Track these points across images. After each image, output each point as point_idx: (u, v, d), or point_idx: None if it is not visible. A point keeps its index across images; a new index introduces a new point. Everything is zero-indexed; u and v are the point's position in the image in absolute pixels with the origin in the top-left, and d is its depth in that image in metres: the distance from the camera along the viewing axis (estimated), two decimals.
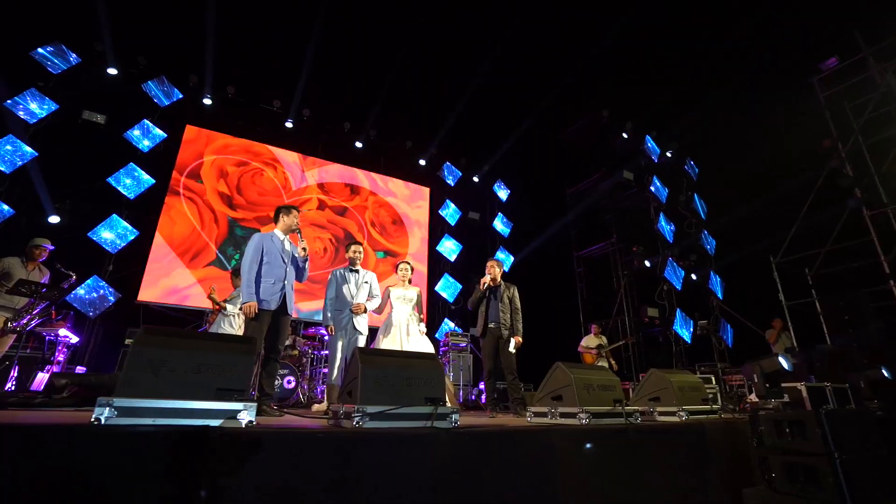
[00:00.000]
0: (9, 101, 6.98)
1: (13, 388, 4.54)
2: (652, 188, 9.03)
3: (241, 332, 5.42)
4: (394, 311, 4.30)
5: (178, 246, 7.55)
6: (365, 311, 4.12)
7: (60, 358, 5.46)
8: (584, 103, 9.84)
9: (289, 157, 9.12)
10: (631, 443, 2.27)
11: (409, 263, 4.58)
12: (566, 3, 9.09)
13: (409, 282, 4.55)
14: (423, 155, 10.62)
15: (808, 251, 7.23)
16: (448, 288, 9.61)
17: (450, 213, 10.37)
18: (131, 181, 7.35)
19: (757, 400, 3.22)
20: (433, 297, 9.56)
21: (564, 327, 9.54)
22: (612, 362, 7.41)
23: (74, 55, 7.48)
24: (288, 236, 3.62)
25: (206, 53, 7.96)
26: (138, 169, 7.42)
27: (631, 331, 8.65)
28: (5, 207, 6.53)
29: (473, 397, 7.23)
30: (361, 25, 8.47)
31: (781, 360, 3.24)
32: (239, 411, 1.51)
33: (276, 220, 3.64)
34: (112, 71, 7.92)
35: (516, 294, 4.60)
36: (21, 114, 6.97)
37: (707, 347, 8.32)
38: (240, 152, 8.63)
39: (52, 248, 4.76)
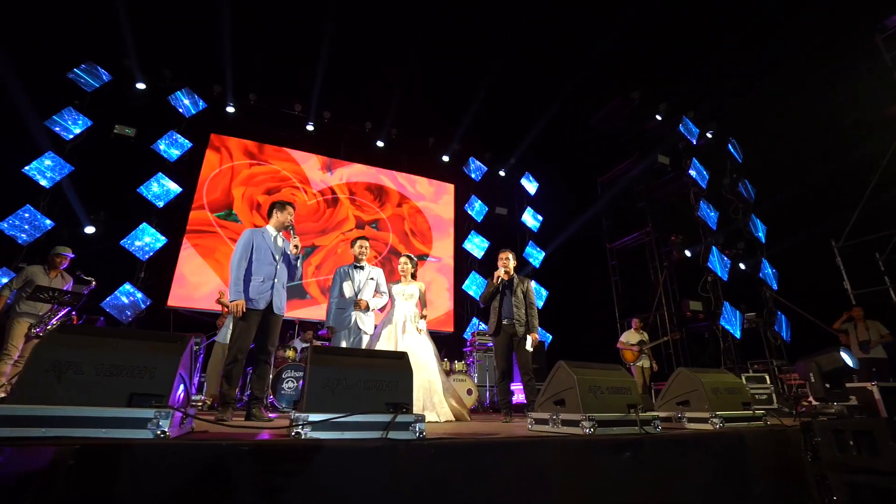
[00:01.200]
0: (49, 120, 7.40)
1: None
2: (691, 172, 8.31)
3: None
4: (394, 309, 4.09)
5: (205, 252, 7.73)
6: (368, 307, 3.91)
7: None
8: (612, 86, 9.23)
9: (314, 172, 9.09)
10: (647, 457, 1.90)
11: (411, 258, 4.32)
12: None
13: (414, 277, 4.31)
14: (446, 151, 10.38)
15: (878, 233, 6.34)
16: (476, 286, 9.29)
17: (476, 209, 10.06)
18: (160, 190, 7.58)
19: (815, 403, 2.72)
20: (460, 295, 9.29)
21: (599, 324, 8.97)
22: (654, 361, 6.83)
23: (106, 73, 7.84)
24: (281, 233, 3.45)
25: (225, 62, 8.09)
26: (166, 178, 7.65)
27: (672, 326, 7.95)
28: (47, 221, 6.91)
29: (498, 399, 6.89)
30: (374, 22, 8.33)
31: (844, 355, 2.71)
32: (149, 420, 1.30)
33: (269, 215, 3.49)
34: (140, 86, 8.23)
35: (531, 288, 4.26)
36: (59, 131, 7.36)
37: (761, 343, 7.53)
38: (267, 181, 8.65)
39: (72, 255, 4.89)
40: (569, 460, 1.75)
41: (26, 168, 6.95)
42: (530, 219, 10.38)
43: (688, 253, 7.90)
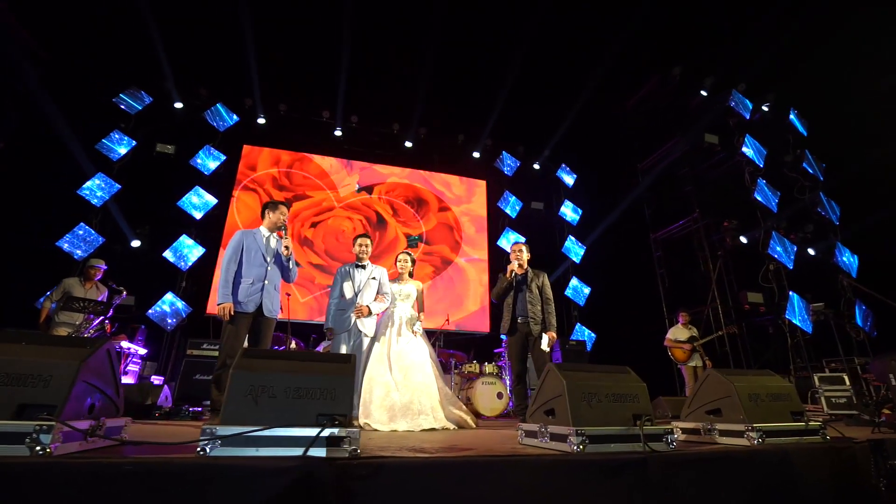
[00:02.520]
0: (99, 144, 7.98)
1: None
2: (745, 150, 7.43)
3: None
4: (390, 309, 3.89)
5: None
6: (369, 313, 3.72)
7: (133, 368, 5.95)
8: (649, 64, 8.48)
9: (342, 177, 9.15)
10: (654, 481, 1.53)
11: (410, 255, 4.10)
12: None
13: (411, 275, 4.09)
14: (476, 147, 10.10)
15: None
16: None
17: (510, 205, 9.70)
18: (198, 202, 7.93)
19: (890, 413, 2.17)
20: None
21: (645, 321, 8.26)
22: (707, 360, 6.14)
23: (147, 96, 8.36)
24: (275, 234, 3.36)
25: (253, 76, 8.33)
26: (203, 191, 8.00)
27: (728, 322, 7.10)
28: (99, 237, 7.43)
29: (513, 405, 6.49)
30: (391, 21, 8.21)
31: None
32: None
33: (262, 216, 3.41)
34: (178, 105, 8.68)
35: (546, 282, 3.91)
36: (107, 152, 7.92)
37: (837, 339, 6.54)
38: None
39: (104, 267, 5.19)
40: (547, 485, 1.44)
41: (80, 189, 7.52)
42: (569, 212, 9.83)
43: (743, 239, 7.05)
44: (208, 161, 8.29)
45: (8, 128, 6.63)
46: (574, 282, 9.21)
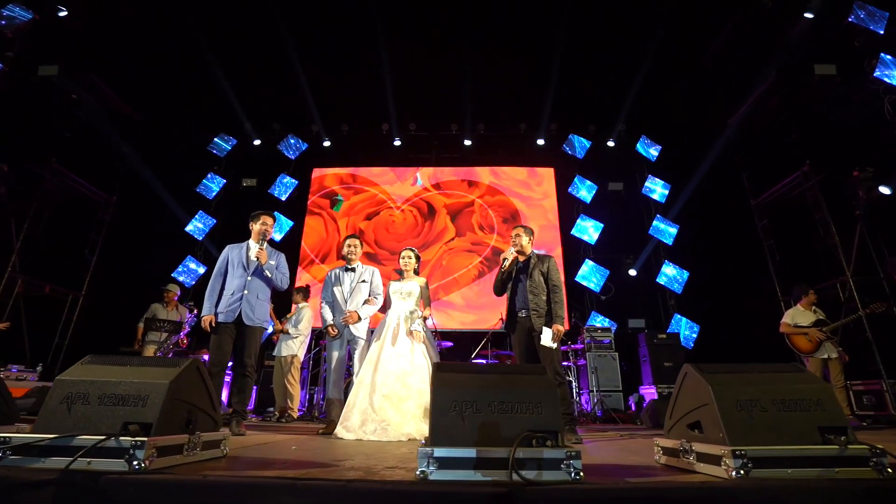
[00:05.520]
0: (199, 186, 8.86)
1: None
2: (881, 75, 5.97)
3: (300, 353, 5.48)
4: (391, 309, 3.58)
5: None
6: (358, 319, 3.55)
7: None
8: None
9: (405, 188, 9.21)
10: None
11: (413, 251, 3.83)
12: None
13: (416, 273, 3.81)
14: (540, 134, 9.58)
15: None
16: (592, 275, 8.27)
17: (583, 189, 9.03)
18: (277, 227, 8.45)
19: None
20: (575, 288, 8.32)
21: (755, 306, 7.05)
22: (842, 351, 4.96)
23: (232, 139, 9.15)
24: (259, 245, 3.35)
25: (310, 102, 8.69)
26: (281, 216, 8.52)
27: (866, 300, 5.62)
28: (200, 269, 8.20)
29: (602, 412, 5.83)
30: (425, 21, 8.00)
31: None
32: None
33: (249, 228, 3.50)
34: (256, 142, 9.36)
35: (553, 267, 3.37)
36: (204, 192, 8.78)
37: None
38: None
39: (179, 292, 5.92)
40: None
41: (187, 228, 8.39)
42: (659, 188, 8.87)
43: (885, 190, 5.72)
44: (284, 188, 8.82)
45: (119, 183, 7.57)
46: (668, 268, 8.25)
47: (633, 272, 8.51)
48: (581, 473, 1.20)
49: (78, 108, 6.24)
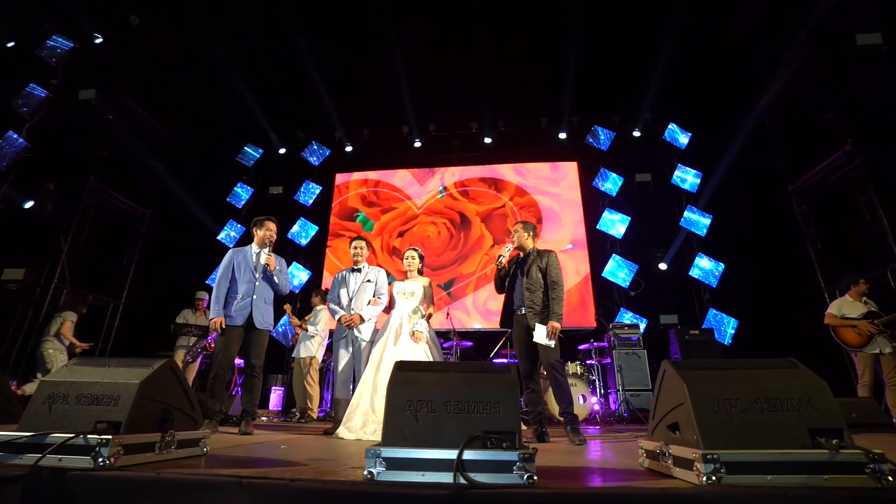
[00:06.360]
0: (229, 196, 9.28)
1: None
2: None
3: (318, 354, 5.53)
4: (394, 309, 3.62)
5: None
6: (361, 321, 3.57)
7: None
8: None
9: (426, 185, 9.23)
10: None
11: (417, 251, 3.86)
12: None
13: (420, 273, 3.82)
14: (562, 128, 9.35)
15: None
16: (620, 270, 7.97)
17: (608, 182, 8.72)
18: (303, 232, 8.70)
19: None
20: (602, 284, 8.04)
21: (795, 296, 6.52)
22: (895, 345, 4.47)
23: (259, 149, 9.51)
24: (264, 250, 3.44)
25: (330, 108, 8.88)
26: (307, 221, 8.76)
27: None
28: None
29: (628, 412, 5.56)
30: (440, 22, 7.96)
31: None
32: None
33: (252, 233, 3.56)
34: (282, 151, 9.67)
35: (553, 262, 3.22)
36: (234, 202, 9.17)
37: None
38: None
39: (207, 297, 6.04)
40: None
41: (219, 236, 8.80)
42: (689, 178, 8.44)
43: None
44: (309, 195, 9.08)
45: (152, 196, 8.04)
46: (703, 260, 7.81)
47: (663, 266, 8.13)
48: (534, 477, 1.14)
49: (113, 128, 6.69)
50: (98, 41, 6.77)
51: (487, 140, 9.37)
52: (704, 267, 7.80)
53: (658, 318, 7.74)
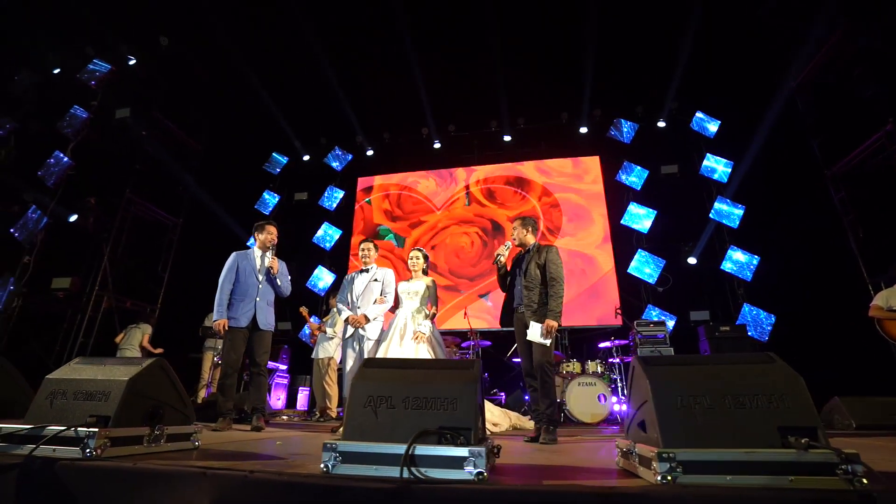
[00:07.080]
0: (257, 203, 9.65)
1: None
2: None
3: (336, 354, 5.59)
4: (399, 308, 3.67)
5: None
6: (366, 321, 3.59)
7: (281, 381, 7.11)
8: None
9: (450, 191, 9.24)
10: None
11: (422, 251, 3.88)
12: None
13: (426, 272, 3.85)
14: (583, 122, 9.14)
15: None
16: (646, 266, 7.71)
17: (633, 175, 8.47)
18: (327, 236, 8.92)
19: None
20: (628, 281, 7.78)
21: (836, 288, 6.05)
22: None
23: (284, 157, 9.85)
24: (267, 253, 3.56)
25: (349, 112, 9.06)
26: (331, 226, 8.98)
27: None
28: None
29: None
30: (454, 23, 7.94)
31: None
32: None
33: (253, 237, 3.67)
34: (306, 157, 9.97)
35: (553, 258, 3.10)
36: (261, 208, 9.53)
37: None
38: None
39: None
40: None
41: (249, 242, 9.16)
42: (719, 167, 8.06)
43: None
44: (333, 199, 9.31)
45: (184, 206, 8.49)
46: (736, 253, 7.42)
47: (692, 260, 7.78)
48: (484, 473, 1.13)
49: (146, 144, 7.13)
50: (132, 62, 7.20)
51: (507, 138, 9.30)
52: (738, 260, 7.41)
53: (688, 314, 7.43)
